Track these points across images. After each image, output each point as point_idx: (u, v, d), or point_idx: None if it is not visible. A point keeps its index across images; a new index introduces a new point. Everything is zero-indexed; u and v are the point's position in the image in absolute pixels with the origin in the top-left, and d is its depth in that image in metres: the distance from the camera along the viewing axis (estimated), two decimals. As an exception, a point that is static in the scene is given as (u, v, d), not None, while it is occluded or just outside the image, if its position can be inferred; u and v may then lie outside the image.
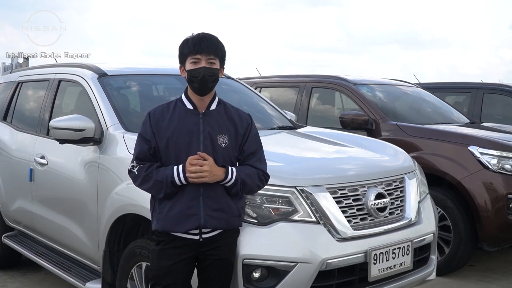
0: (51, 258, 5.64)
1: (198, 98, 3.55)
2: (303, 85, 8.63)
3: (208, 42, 3.49)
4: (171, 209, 3.47)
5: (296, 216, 3.83)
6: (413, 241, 4.31)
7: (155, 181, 3.43)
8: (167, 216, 3.48)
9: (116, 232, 4.54)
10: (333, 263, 3.83)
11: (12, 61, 35.91)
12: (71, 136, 4.68)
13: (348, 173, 4.27)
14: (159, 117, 3.55)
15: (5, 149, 6.41)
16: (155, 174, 3.44)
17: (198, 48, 3.47)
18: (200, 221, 3.45)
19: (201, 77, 3.46)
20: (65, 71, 5.90)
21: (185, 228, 3.46)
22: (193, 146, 3.46)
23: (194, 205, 3.45)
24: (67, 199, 5.21)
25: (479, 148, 6.40)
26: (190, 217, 3.45)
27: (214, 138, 3.50)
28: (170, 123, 3.52)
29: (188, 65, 3.51)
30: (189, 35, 3.56)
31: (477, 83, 10.59)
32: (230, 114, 3.62)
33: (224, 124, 3.56)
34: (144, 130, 3.56)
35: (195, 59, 3.47)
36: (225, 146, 3.51)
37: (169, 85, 5.97)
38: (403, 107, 8.31)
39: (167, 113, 3.56)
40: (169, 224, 3.48)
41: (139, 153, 3.53)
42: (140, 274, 4.16)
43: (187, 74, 3.51)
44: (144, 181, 3.49)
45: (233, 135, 3.56)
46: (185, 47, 3.52)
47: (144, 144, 3.52)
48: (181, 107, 3.58)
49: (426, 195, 4.87)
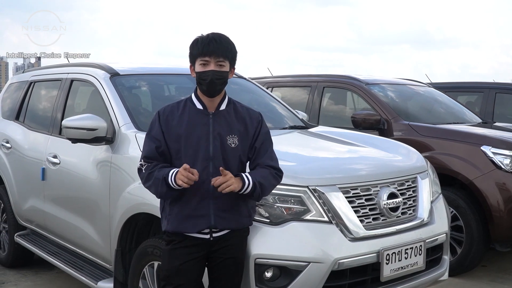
0: (63, 257, 5.66)
1: (208, 98, 3.54)
2: (314, 85, 8.62)
3: (218, 43, 3.47)
4: (181, 210, 3.47)
5: (309, 216, 3.83)
6: (426, 241, 4.30)
7: (155, 178, 3.42)
8: (177, 217, 3.48)
9: (128, 231, 4.55)
10: (346, 263, 3.83)
11: (24, 61, 36.32)
12: (84, 135, 4.69)
13: (360, 173, 4.26)
14: (168, 116, 3.55)
15: (18, 148, 6.44)
16: (156, 173, 3.43)
17: (207, 50, 3.44)
18: (210, 222, 3.46)
19: (209, 80, 3.45)
20: (78, 71, 5.91)
21: (196, 228, 3.47)
22: (203, 147, 3.46)
23: (204, 205, 3.45)
24: (79, 198, 5.23)
25: (492, 148, 6.37)
26: (200, 217, 3.45)
27: (224, 139, 3.49)
28: (180, 123, 3.51)
29: (197, 67, 3.49)
30: (199, 35, 3.54)
31: (489, 82, 10.54)
32: (240, 114, 3.61)
33: (234, 125, 3.55)
34: (153, 129, 3.55)
35: (204, 61, 3.45)
36: (234, 147, 3.50)
37: (180, 84, 5.97)
38: (415, 107, 8.28)
39: (177, 112, 3.56)
40: (180, 225, 3.48)
41: (148, 152, 3.51)
42: (152, 273, 4.17)
43: (196, 75, 3.51)
44: (147, 180, 3.48)
45: (243, 135, 3.55)
46: (194, 48, 3.50)
47: (152, 143, 3.51)
48: (190, 107, 3.57)
49: (439, 195, 4.85)
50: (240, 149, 3.52)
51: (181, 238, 3.51)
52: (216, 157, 3.46)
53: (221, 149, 3.48)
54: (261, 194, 3.49)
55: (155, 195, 3.53)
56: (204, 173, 3.42)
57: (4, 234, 6.96)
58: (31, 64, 34.84)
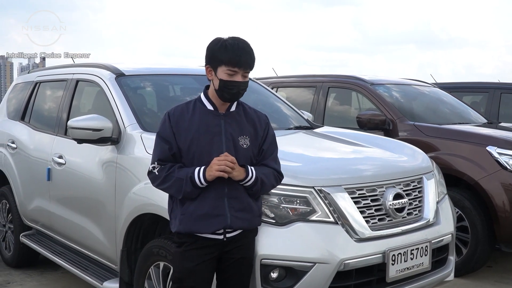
0: (68, 257, 5.66)
1: (221, 101, 3.52)
2: (319, 85, 8.61)
3: (248, 55, 3.44)
4: (196, 210, 3.43)
5: (314, 216, 3.83)
6: (431, 241, 4.29)
7: (176, 178, 3.38)
8: (191, 217, 3.44)
9: (133, 231, 4.55)
10: (351, 263, 3.82)
11: (29, 61, 36.60)
12: (89, 135, 4.70)
13: (366, 173, 4.26)
14: (179, 117, 3.51)
15: (23, 148, 6.45)
16: (176, 173, 3.40)
17: (239, 61, 3.40)
18: (226, 222, 3.44)
19: (237, 90, 3.44)
20: (83, 71, 5.92)
21: (212, 228, 3.44)
22: (215, 148, 3.44)
23: (220, 205, 3.43)
24: (84, 198, 5.23)
25: (497, 148, 6.35)
26: (216, 217, 3.43)
27: (236, 140, 3.49)
28: (191, 125, 3.48)
29: (221, 74, 3.43)
30: (223, 37, 3.47)
31: (494, 83, 10.52)
32: (250, 115, 3.61)
33: (244, 126, 3.55)
34: (163, 131, 3.51)
35: (232, 71, 3.41)
36: (246, 148, 3.50)
37: (186, 85, 5.98)
38: (420, 107, 8.27)
39: (187, 113, 3.52)
40: (194, 225, 3.44)
41: (160, 154, 3.48)
42: (158, 273, 4.17)
43: (219, 82, 3.44)
44: (165, 181, 3.43)
45: (253, 137, 3.55)
46: (222, 53, 3.41)
47: (165, 145, 3.47)
48: (200, 107, 3.54)
49: (444, 195, 4.85)
50: (251, 150, 3.53)
51: (194, 239, 3.48)
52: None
53: (234, 149, 3.46)
54: (259, 191, 3.52)
55: (174, 195, 3.48)
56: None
57: (9, 234, 6.97)
58: (36, 65, 35.01)
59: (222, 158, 3.33)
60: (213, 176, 3.35)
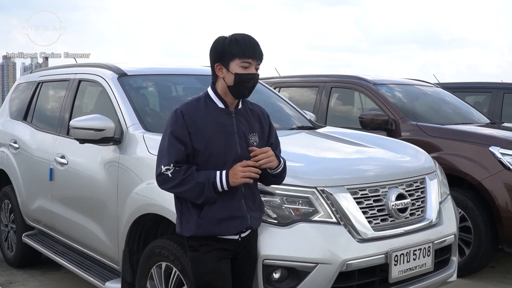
0: (70, 257, 5.66)
1: (233, 98, 3.44)
2: (322, 85, 8.60)
3: (259, 47, 3.40)
4: (217, 213, 3.34)
5: (317, 217, 3.82)
6: (434, 242, 4.28)
7: (196, 183, 3.26)
8: (212, 221, 3.34)
9: (135, 231, 4.55)
10: (354, 264, 3.82)
11: (32, 61, 36.70)
12: (91, 136, 4.69)
13: (368, 174, 4.25)
14: (194, 116, 3.38)
15: (26, 148, 6.45)
16: (196, 176, 3.28)
17: (253, 53, 3.35)
18: (247, 223, 3.41)
19: (252, 84, 3.38)
20: (85, 71, 5.92)
21: (236, 230, 3.39)
22: (231, 147, 3.37)
23: (240, 206, 3.39)
24: (87, 198, 5.23)
25: (500, 148, 6.34)
26: (237, 219, 3.38)
27: (247, 138, 3.44)
28: (207, 123, 3.37)
29: (236, 68, 3.34)
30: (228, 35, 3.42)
31: (497, 83, 10.51)
32: (255, 111, 3.58)
33: (252, 123, 3.51)
34: (178, 130, 3.35)
35: (247, 63, 3.35)
36: (256, 145, 3.44)
37: (188, 85, 5.98)
38: (423, 107, 8.26)
39: (201, 111, 3.41)
40: (215, 228, 3.36)
41: (177, 155, 3.32)
42: (160, 273, 4.17)
43: (234, 77, 3.35)
44: (182, 184, 3.28)
45: (260, 133, 3.53)
46: (234, 47, 3.34)
47: (180, 146, 3.32)
48: (211, 105, 3.44)
49: (447, 196, 4.84)
50: (260, 147, 3.45)
51: (212, 241, 3.39)
52: (243, 156, 3.37)
53: (247, 148, 3.40)
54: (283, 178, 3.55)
55: (192, 200, 3.34)
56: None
57: (12, 234, 6.98)
58: (38, 64, 35.05)
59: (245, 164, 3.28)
60: (238, 183, 3.29)
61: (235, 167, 3.29)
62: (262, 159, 3.32)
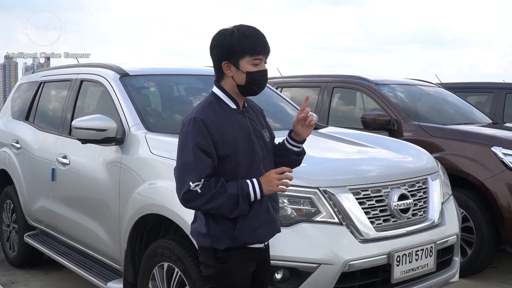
0: (72, 257, 5.67)
1: (241, 96, 3.19)
2: (324, 85, 8.59)
3: (266, 39, 3.13)
4: (254, 222, 3.09)
5: (319, 217, 3.82)
6: (436, 242, 4.28)
7: (230, 195, 2.97)
8: (249, 229, 3.08)
9: (137, 232, 4.55)
10: (356, 264, 3.82)
11: (34, 61, 36.77)
12: (93, 136, 4.69)
13: (370, 174, 4.25)
14: (216, 121, 3.06)
15: (28, 148, 6.45)
16: (228, 188, 2.99)
17: (264, 48, 3.09)
18: (277, 225, 3.24)
19: (264, 81, 3.14)
20: (87, 71, 5.92)
21: (269, 236, 3.22)
22: (252, 149, 3.12)
23: (268, 210, 3.17)
24: (89, 198, 5.23)
25: (502, 148, 6.34)
26: (269, 223, 3.17)
27: (262, 135, 3.23)
28: (230, 128, 3.08)
29: (246, 66, 3.06)
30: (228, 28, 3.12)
31: (499, 83, 10.49)
32: (255, 107, 3.39)
33: (260, 118, 3.33)
34: (201, 141, 2.99)
35: (258, 60, 3.08)
36: (269, 141, 3.29)
37: (190, 85, 5.98)
38: (425, 107, 8.24)
39: (219, 116, 3.10)
40: (251, 237, 3.11)
41: (206, 168, 2.99)
42: (162, 274, 4.17)
43: (246, 76, 3.07)
44: (213, 199, 2.97)
45: (266, 127, 3.34)
46: (243, 43, 3.04)
47: (207, 158, 2.99)
48: (225, 107, 3.14)
49: (449, 196, 4.84)
50: (271, 142, 3.33)
51: (243, 251, 3.14)
52: (264, 157, 3.18)
53: (265, 147, 3.22)
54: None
55: (226, 215, 3.03)
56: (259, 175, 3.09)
57: (13, 234, 6.98)
58: (40, 64, 35.02)
59: (279, 171, 3.05)
60: (273, 191, 3.07)
61: (269, 175, 3.05)
62: (313, 119, 3.24)
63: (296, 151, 3.35)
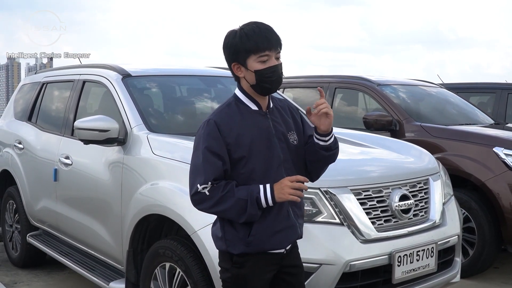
0: (75, 257, 5.68)
1: (262, 97, 3.08)
2: (326, 86, 8.59)
3: (272, 33, 3.00)
4: (269, 228, 3.00)
5: (320, 218, 3.83)
6: (438, 243, 4.28)
7: (238, 199, 2.89)
8: (264, 234, 3.00)
9: (140, 232, 4.55)
10: (357, 265, 3.82)
11: (36, 62, 36.77)
12: (96, 136, 4.70)
13: (372, 175, 4.25)
14: (230, 124, 2.99)
15: (30, 149, 6.47)
16: (237, 192, 2.91)
17: (268, 42, 2.96)
18: (297, 232, 3.13)
19: (276, 77, 3.00)
20: (90, 72, 5.93)
21: (288, 242, 3.11)
22: (272, 152, 3.03)
23: (289, 215, 3.07)
24: (91, 199, 5.24)
25: (504, 149, 6.34)
26: (289, 229, 3.08)
27: (286, 138, 3.09)
28: (246, 130, 2.99)
29: (254, 64, 2.97)
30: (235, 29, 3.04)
31: (502, 83, 10.48)
32: (284, 105, 3.24)
33: (287, 120, 3.17)
34: (213, 143, 2.94)
35: (266, 56, 2.96)
36: (297, 144, 3.14)
37: (192, 86, 5.99)
38: (427, 108, 8.24)
39: (235, 118, 3.02)
40: (267, 243, 3.02)
41: (215, 171, 2.93)
42: (164, 274, 4.18)
43: (254, 75, 2.97)
44: (220, 202, 2.90)
45: (296, 129, 3.20)
46: (245, 42, 2.95)
47: (218, 161, 2.93)
48: (244, 109, 3.05)
49: (451, 196, 4.84)
50: (300, 145, 3.17)
51: (260, 256, 3.05)
52: (286, 160, 3.06)
53: (288, 150, 3.09)
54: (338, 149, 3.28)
55: (233, 219, 2.97)
56: (279, 179, 2.97)
57: (16, 234, 7.00)
58: (43, 65, 34.98)
59: (294, 179, 2.93)
60: (284, 199, 2.94)
61: (282, 182, 2.93)
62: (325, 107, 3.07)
63: (323, 146, 3.17)
